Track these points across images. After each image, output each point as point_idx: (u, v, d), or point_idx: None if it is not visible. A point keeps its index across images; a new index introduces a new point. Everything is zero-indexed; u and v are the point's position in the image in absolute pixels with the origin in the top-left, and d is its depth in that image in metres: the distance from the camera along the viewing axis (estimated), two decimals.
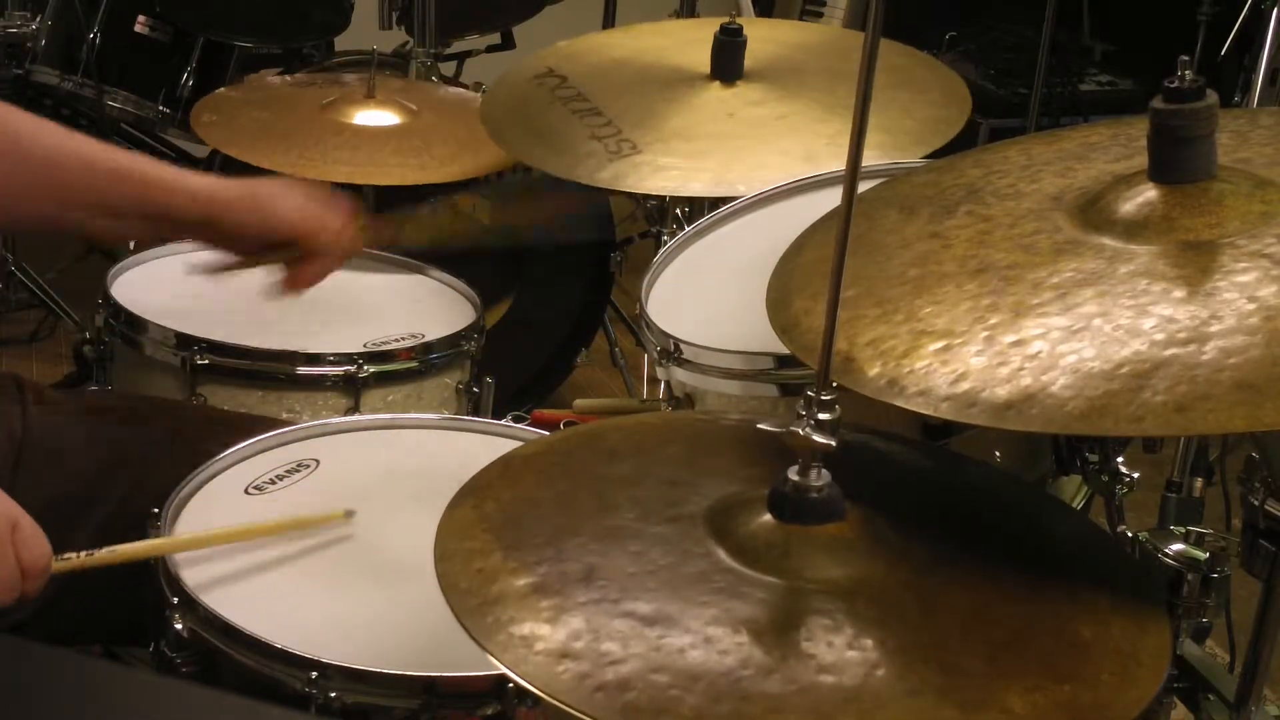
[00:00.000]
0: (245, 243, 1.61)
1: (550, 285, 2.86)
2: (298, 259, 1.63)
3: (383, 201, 2.48)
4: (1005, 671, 0.94)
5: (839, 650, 0.94)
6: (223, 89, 2.53)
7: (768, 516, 1.04)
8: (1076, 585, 1.04)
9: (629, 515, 1.08)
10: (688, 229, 1.77)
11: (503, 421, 1.63)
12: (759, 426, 1.06)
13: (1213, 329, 1.01)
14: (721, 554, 1.03)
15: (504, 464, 1.18)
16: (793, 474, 1.03)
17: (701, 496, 1.09)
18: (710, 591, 0.99)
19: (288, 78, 2.55)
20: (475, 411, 1.84)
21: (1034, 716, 0.91)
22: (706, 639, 0.95)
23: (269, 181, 1.63)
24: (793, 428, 1.02)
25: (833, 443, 1.01)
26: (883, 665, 0.94)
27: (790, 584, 1.00)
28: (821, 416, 1.02)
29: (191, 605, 1.28)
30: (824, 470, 1.03)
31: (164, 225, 1.59)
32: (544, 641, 0.95)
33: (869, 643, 0.95)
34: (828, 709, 0.90)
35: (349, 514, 1.42)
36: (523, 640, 0.95)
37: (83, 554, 1.30)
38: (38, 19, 2.86)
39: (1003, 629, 0.98)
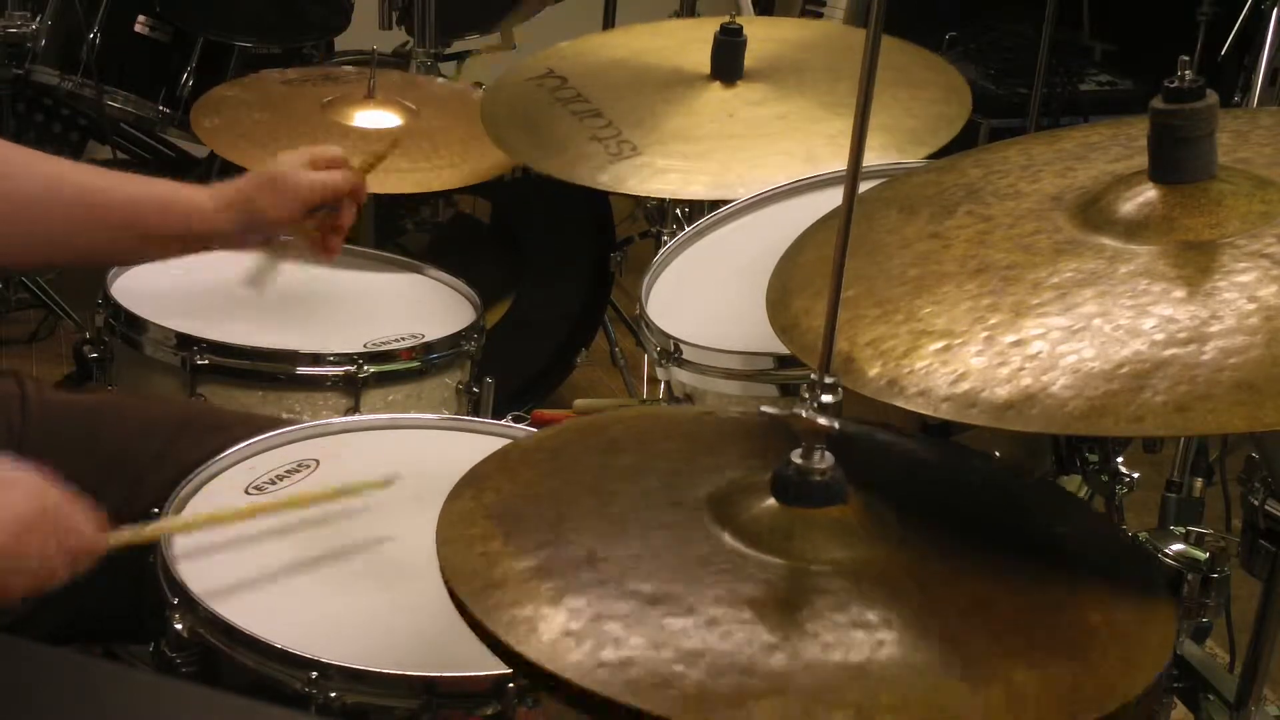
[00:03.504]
0: (281, 227, 1.66)
1: (550, 285, 2.86)
2: (325, 220, 1.69)
3: (382, 204, 2.49)
4: (1010, 650, 0.94)
5: (843, 628, 0.94)
6: (220, 87, 2.52)
7: (771, 500, 1.04)
8: (1082, 571, 1.04)
9: (631, 502, 1.08)
10: (688, 229, 1.77)
11: (503, 421, 1.63)
12: (763, 409, 1.06)
13: (1213, 329, 1.01)
14: (725, 537, 1.03)
15: (503, 455, 1.18)
16: (796, 457, 1.03)
17: (704, 484, 1.09)
18: (714, 573, 0.99)
19: (290, 73, 2.54)
20: (475, 411, 1.84)
21: (1039, 692, 0.91)
22: (710, 618, 0.95)
23: (271, 163, 1.67)
24: (796, 409, 1.02)
25: (836, 425, 1.01)
26: (887, 643, 0.94)
27: (794, 565, 1.00)
28: (825, 399, 1.02)
29: (191, 605, 1.28)
30: (827, 453, 1.03)
31: (202, 245, 1.65)
32: (547, 622, 0.95)
33: (873, 618, 0.95)
34: (832, 684, 0.90)
35: (388, 483, 1.43)
36: (526, 621, 0.95)
37: (132, 529, 1.31)
38: (38, 19, 2.86)
39: (1007, 616, 0.98)
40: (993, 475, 1.22)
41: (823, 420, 1.02)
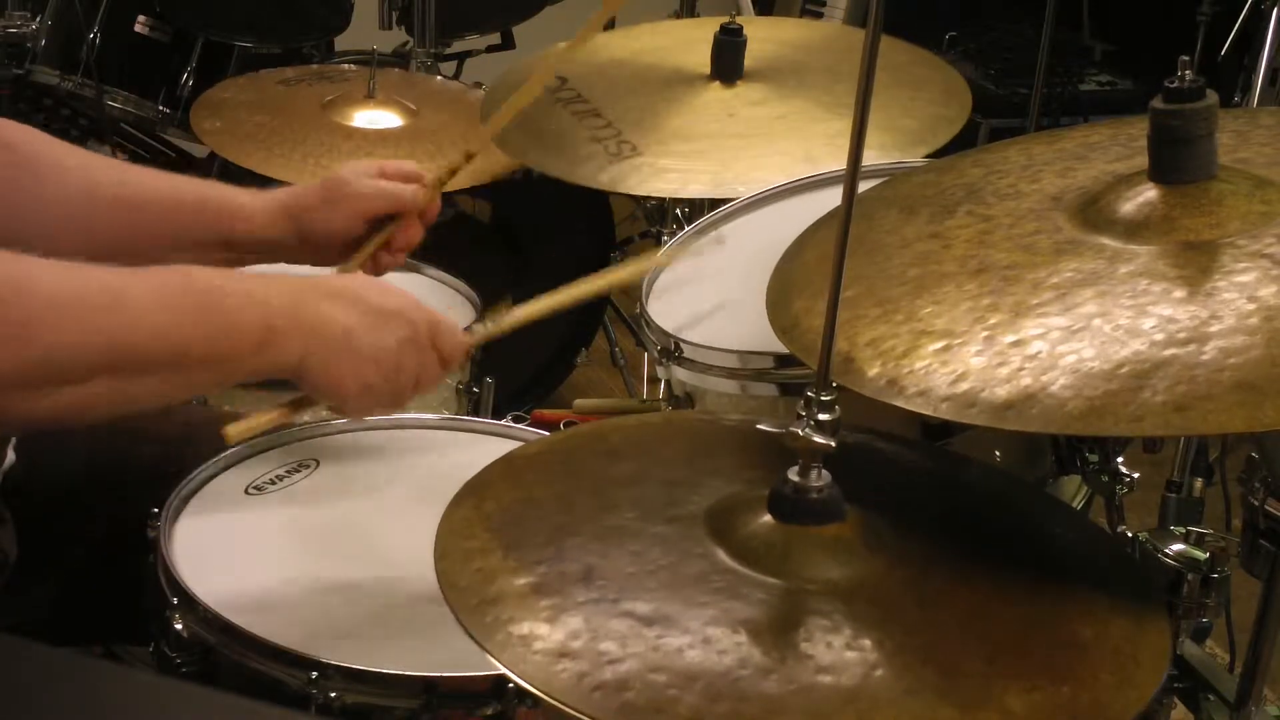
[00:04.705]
0: (337, 239, 1.50)
1: (550, 285, 2.85)
2: (389, 233, 1.52)
3: None
4: (1004, 672, 0.94)
5: (837, 651, 0.94)
6: (220, 87, 2.52)
7: (768, 517, 1.04)
8: (1076, 586, 1.04)
9: (629, 515, 1.08)
10: (688, 229, 1.77)
11: (503, 421, 1.63)
12: (759, 427, 1.06)
13: (1212, 329, 1.01)
14: (721, 554, 1.03)
15: (505, 464, 1.18)
16: (793, 474, 1.03)
17: (701, 497, 1.09)
18: (709, 592, 0.99)
19: (289, 73, 2.54)
20: (475, 411, 1.84)
21: (1033, 716, 0.91)
22: (705, 639, 0.95)
23: (337, 169, 1.52)
24: (792, 428, 1.02)
25: (832, 443, 1.01)
26: (881, 665, 0.94)
27: (789, 585, 1.00)
28: (821, 417, 1.02)
29: (191, 605, 1.28)
30: (824, 471, 1.03)
31: (251, 254, 1.49)
32: (542, 641, 0.95)
33: (867, 643, 0.95)
34: (826, 709, 0.90)
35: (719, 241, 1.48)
36: (521, 640, 0.95)
37: (487, 324, 1.40)
38: (38, 19, 2.85)
39: (1002, 629, 0.98)
40: (989, 486, 1.22)
41: (819, 439, 1.01)
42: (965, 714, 0.91)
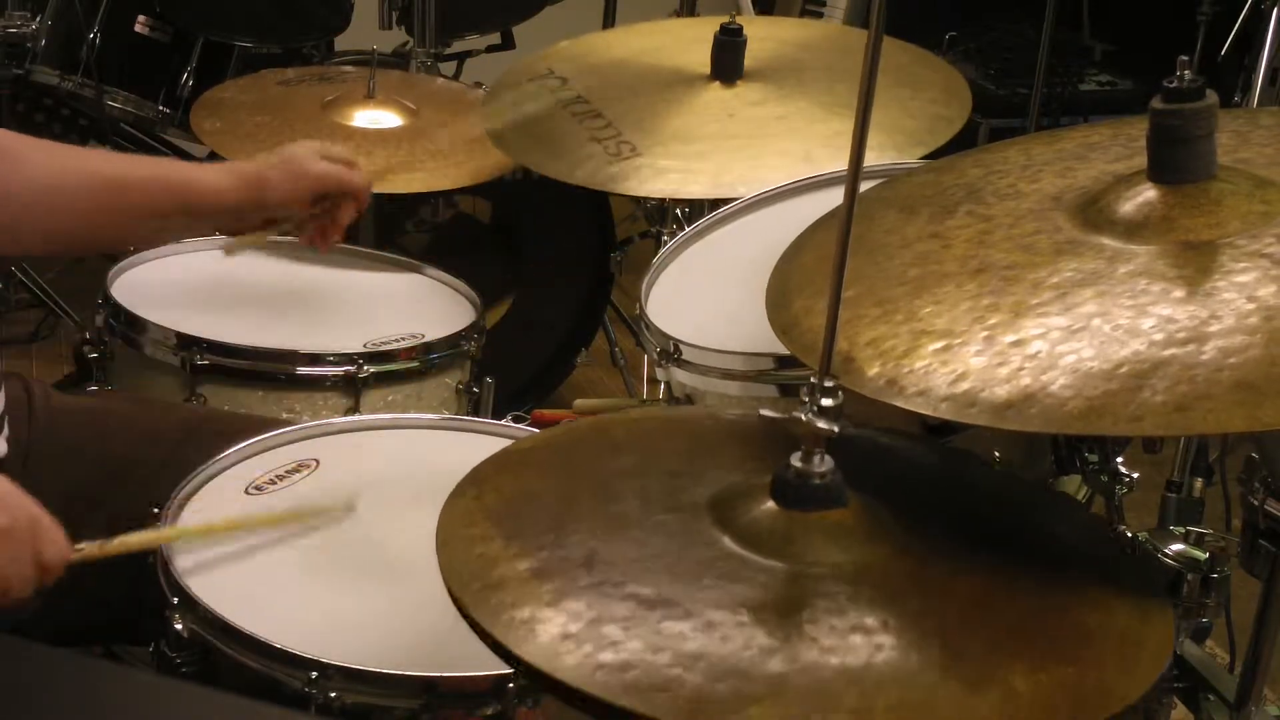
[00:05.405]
0: (285, 209, 1.70)
1: (550, 285, 2.86)
2: (327, 212, 1.73)
3: (382, 204, 2.49)
4: (1009, 653, 0.94)
5: (841, 632, 0.94)
6: (219, 87, 2.52)
7: (771, 503, 1.04)
8: (1080, 575, 1.04)
9: (631, 504, 1.08)
10: (688, 229, 1.77)
11: (503, 421, 1.63)
12: (762, 413, 1.06)
13: (1212, 329, 1.01)
14: (724, 540, 1.03)
15: (505, 456, 1.18)
16: (796, 460, 1.03)
17: (703, 487, 1.09)
18: (713, 576, 0.99)
19: (289, 73, 2.54)
20: (475, 411, 1.84)
21: (1037, 696, 0.91)
22: (708, 622, 0.95)
23: (285, 147, 1.71)
24: (796, 413, 1.02)
25: (835, 428, 1.01)
26: (885, 646, 0.94)
27: (793, 568, 1.00)
28: (825, 402, 1.02)
29: (191, 605, 1.28)
30: (827, 456, 1.03)
31: (209, 221, 1.70)
32: (545, 624, 0.95)
33: (872, 622, 0.95)
34: (830, 689, 0.90)
35: (349, 508, 1.42)
36: (524, 623, 0.95)
37: (96, 544, 1.30)
38: (38, 19, 2.85)
39: (1006, 617, 0.98)
40: (991, 478, 1.22)
41: (822, 424, 1.01)
42: (970, 693, 0.91)
